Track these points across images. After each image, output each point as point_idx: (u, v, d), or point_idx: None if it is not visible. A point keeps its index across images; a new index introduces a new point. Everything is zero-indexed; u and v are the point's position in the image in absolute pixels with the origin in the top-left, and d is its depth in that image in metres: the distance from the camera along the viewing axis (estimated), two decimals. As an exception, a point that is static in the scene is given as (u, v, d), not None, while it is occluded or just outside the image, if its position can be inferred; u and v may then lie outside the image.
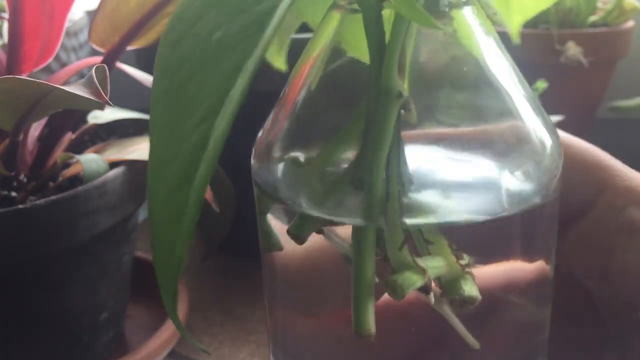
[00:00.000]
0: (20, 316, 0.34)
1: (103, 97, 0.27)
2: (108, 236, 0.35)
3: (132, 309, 0.46)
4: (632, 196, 0.18)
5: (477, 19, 0.16)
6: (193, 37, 0.14)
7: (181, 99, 0.13)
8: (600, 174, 0.19)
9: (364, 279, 0.15)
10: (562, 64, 0.59)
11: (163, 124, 0.14)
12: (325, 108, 0.18)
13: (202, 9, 0.14)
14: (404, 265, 0.15)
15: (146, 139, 0.37)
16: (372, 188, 0.15)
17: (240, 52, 0.13)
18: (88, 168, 0.33)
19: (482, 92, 0.17)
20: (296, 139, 0.18)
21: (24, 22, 0.34)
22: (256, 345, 0.45)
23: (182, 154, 0.13)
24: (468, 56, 0.17)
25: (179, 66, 0.14)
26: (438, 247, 0.16)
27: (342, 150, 0.17)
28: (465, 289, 0.15)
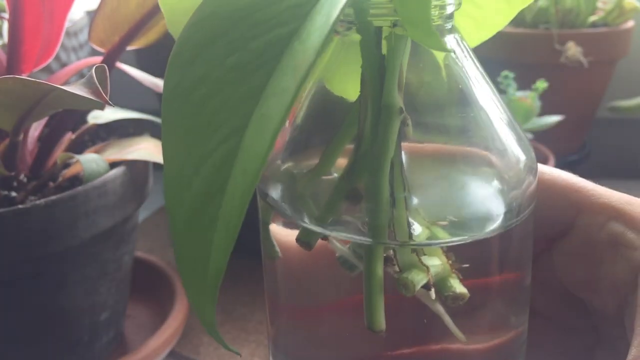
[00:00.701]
0: (21, 316, 0.34)
1: (103, 97, 0.27)
2: (108, 236, 0.35)
3: (132, 308, 0.46)
4: (609, 212, 0.20)
5: (461, 45, 0.18)
6: (206, 61, 0.14)
7: (199, 119, 0.14)
8: (575, 196, 0.21)
9: (375, 281, 0.17)
10: (562, 64, 0.59)
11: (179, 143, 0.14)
12: (320, 123, 0.19)
13: (211, 36, 0.14)
14: (411, 264, 0.17)
15: (146, 139, 0.37)
16: (379, 208, 0.16)
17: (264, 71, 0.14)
18: (88, 168, 0.33)
19: (467, 112, 0.18)
20: (295, 153, 0.19)
21: (24, 22, 0.34)
22: (256, 345, 0.45)
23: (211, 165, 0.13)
24: (457, 78, 0.18)
25: (195, 84, 0.14)
26: (432, 249, 0.17)
27: (332, 163, 0.18)
28: (455, 287, 0.17)
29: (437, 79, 0.18)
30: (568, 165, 0.66)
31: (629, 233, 0.20)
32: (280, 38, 0.14)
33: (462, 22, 0.20)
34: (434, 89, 0.18)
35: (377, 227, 0.17)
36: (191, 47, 0.14)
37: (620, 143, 0.72)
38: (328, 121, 0.19)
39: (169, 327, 0.41)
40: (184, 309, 0.43)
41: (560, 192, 0.21)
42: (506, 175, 0.18)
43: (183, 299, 0.44)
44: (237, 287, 0.52)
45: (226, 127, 0.14)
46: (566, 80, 0.62)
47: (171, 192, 0.14)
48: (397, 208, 0.17)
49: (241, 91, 0.14)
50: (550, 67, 0.60)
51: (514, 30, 0.63)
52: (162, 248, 0.59)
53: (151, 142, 0.37)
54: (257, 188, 0.19)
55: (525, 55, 0.60)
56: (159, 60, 0.50)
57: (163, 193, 0.14)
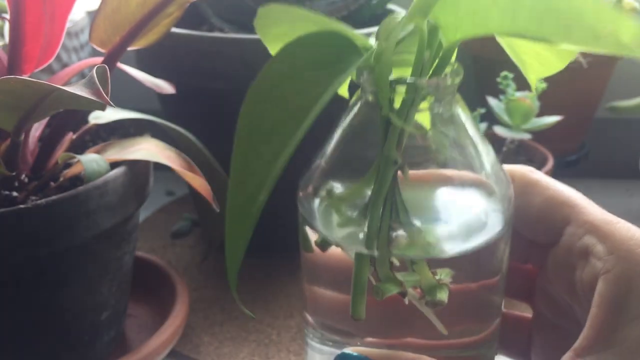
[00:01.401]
0: (22, 315, 0.34)
1: (104, 98, 0.27)
2: (109, 236, 0.35)
3: (132, 308, 0.46)
4: (589, 227, 0.24)
5: (462, 106, 0.24)
6: (269, 101, 0.21)
7: (255, 137, 0.21)
8: (567, 210, 0.25)
9: (360, 284, 0.23)
10: (561, 65, 0.59)
11: (245, 155, 0.21)
12: (349, 155, 0.25)
13: (272, 86, 0.21)
14: (387, 278, 0.23)
15: (147, 139, 0.37)
16: (371, 229, 0.22)
17: (294, 124, 0.20)
18: (89, 168, 0.33)
19: (467, 151, 0.24)
20: (327, 179, 0.25)
21: (25, 23, 0.34)
22: (256, 344, 0.45)
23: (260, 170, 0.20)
24: (460, 128, 0.24)
25: (260, 116, 0.21)
26: (419, 266, 0.23)
27: (359, 193, 0.23)
28: (437, 295, 0.22)
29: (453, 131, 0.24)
30: (567, 165, 0.66)
31: (599, 246, 0.24)
32: (303, 106, 0.20)
33: (530, 59, 0.25)
34: (460, 140, 0.24)
35: (366, 242, 0.22)
36: (263, 87, 0.21)
37: (619, 143, 0.72)
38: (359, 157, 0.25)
39: (169, 326, 0.41)
40: (184, 309, 0.43)
41: (557, 206, 0.25)
42: (498, 198, 0.24)
43: (183, 299, 0.44)
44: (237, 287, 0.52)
45: (275, 145, 0.20)
46: (565, 80, 0.62)
47: (232, 192, 0.21)
48: (382, 231, 0.22)
49: (288, 127, 0.20)
50: (549, 67, 0.60)
51: (513, 31, 0.63)
52: (162, 248, 0.59)
53: (152, 142, 0.37)
54: (297, 200, 0.25)
55: (525, 55, 0.61)
56: (160, 61, 0.50)
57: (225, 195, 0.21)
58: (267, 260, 0.55)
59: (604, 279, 0.23)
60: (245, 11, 0.51)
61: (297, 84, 0.20)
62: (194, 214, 0.64)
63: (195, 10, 0.50)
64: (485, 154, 0.24)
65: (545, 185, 0.25)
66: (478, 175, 0.24)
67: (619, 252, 0.23)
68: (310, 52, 0.21)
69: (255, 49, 0.44)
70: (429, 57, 0.22)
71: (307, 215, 0.24)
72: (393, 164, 0.22)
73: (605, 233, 0.24)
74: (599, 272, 0.23)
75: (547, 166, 0.55)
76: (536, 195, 0.26)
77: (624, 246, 0.23)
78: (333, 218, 0.24)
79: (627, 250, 0.23)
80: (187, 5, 0.36)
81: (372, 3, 0.53)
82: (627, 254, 0.23)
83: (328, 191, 0.24)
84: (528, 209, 0.26)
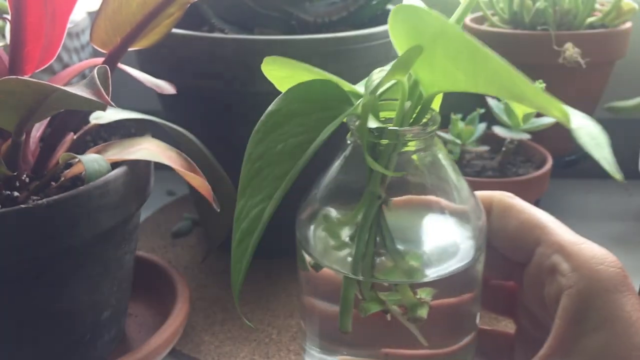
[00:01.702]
0: (23, 315, 0.34)
1: (105, 98, 0.27)
2: (109, 236, 0.35)
3: (133, 307, 0.47)
4: (556, 247, 0.27)
5: (440, 147, 0.27)
6: (268, 142, 0.24)
7: (256, 181, 0.25)
8: (538, 231, 0.28)
9: (347, 302, 0.26)
10: (560, 65, 0.59)
11: (244, 191, 0.25)
12: (343, 186, 0.28)
13: (273, 126, 0.24)
14: (370, 297, 0.26)
15: (148, 140, 0.38)
16: (356, 256, 0.26)
17: (290, 163, 0.24)
18: (90, 168, 0.33)
19: (444, 184, 0.27)
20: (323, 207, 0.28)
21: (26, 24, 0.34)
22: (257, 343, 0.46)
23: (253, 214, 0.25)
24: (440, 165, 0.27)
25: (258, 158, 0.24)
26: (401, 287, 0.26)
27: (352, 220, 0.27)
28: (417, 312, 0.26)
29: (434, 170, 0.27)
30: (566, 165, 0.66)
31: (564, 264, 0.26)
32: (299, 144, 0.24)
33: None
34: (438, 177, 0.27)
35: (352, 266, 0.26)
36: (261, 131, 0.25)
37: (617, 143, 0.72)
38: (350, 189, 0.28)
39: (170, 325, 0.41)
40: (185, 308, 0.43)
41: (530, 228, 0.28)
42: (471, 227, 0.27)
43: (184, 298, 0.44)
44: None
45: (264, 192, 0.24)
46: (564, 81, 0.62)
47: (235, 221, 0.25)
48: (366, 257, 0.26)
49: (276, 172, 0.24)
50: (549, 68, 0.60)
51: (512, 31, 0.63)
52: (163, 247, 0.59)
53: (153, 143, 0.37)
54: (296, 225, 0.29)
55: (524, 56, 0.61)
56: (160, 61, 0.50)
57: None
58: (268, 260, 0.55)
59: (567, 293, 0.26)
60: (246, 12, 0.52)
61: (293, 127, 0.24)
62: (194, 214, 0.64)
63: (195, 11, 0.50)
64: (461, 190, 0.27)
65: (520, 209, 0.29)
66: (453, 205, 0.27)
67: (581, 269, 0.26)
68: (300, 99, 0.25)
69: (255, 50, 0.44)
70: (411, 106, 0.25)
71: (302, 241, 0.28)
72: (377, 198, 0.25)
73: (570, 252, 0.26)
74: (564, 287, 0.26)
75: (546, 166, 0.55)
76: (512, 218, 0.29)
77: (586, 264, 0.26)
78: (325, 244, 0.28)
79: (589, 269, 0.26)
80: (187, 6, 0.36)
81: (372, 4, 0.53)
82: (589, 271, 0.26)
83: (325, 217, 0.28)
84: (505, 231, 0.29)
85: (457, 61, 0.21)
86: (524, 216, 0.29)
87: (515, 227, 0.28)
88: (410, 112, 0.25)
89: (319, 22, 0.51)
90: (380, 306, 0.26)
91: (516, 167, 0.57)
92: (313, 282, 0.29)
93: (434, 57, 0.22)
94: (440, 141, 0.27)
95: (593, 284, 0.26)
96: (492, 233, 0.29)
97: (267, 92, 0.45)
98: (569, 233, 0.28)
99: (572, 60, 0.59)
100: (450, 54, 0.21)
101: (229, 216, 0.42)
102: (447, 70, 0.22)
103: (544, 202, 0.68)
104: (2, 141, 0.36)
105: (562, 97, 0.69)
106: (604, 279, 0.26)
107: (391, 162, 0.25)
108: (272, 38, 0.44)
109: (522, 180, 0.53)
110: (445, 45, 0.21)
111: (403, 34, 0.23)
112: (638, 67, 0.72)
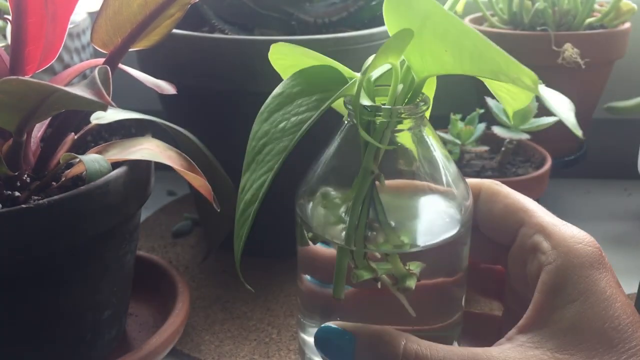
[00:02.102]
0: (24, 314, 0.34)
1: (105, 98, 0.27)
2: (110, 235, 0.36)
3: (134, 307, 0.47)
4: (538, 228, 0.29)
5: (431, 131, 0.29)
6: (271, 120, 0.27)
7: (260, 156, 0.27)
8: (521, 214, 0.30)
9: (341, 271, 0.29)
10: (559, 65, 0.59)
11: (249, 166, 0.27)
12: (341, 166, 0.30)
13: (277, 106, 0.27)
14: (362, 265, 0.28)
15: (148, 140, 0.38)
16: (349, 228, 0.28)
17: (288, 139, 0.26)
18: (90, 168, 0.33)
19: (432, 166, 0.29)
20: (322, 185, 0.30)
21: (27, 24, 0.34)
22: (257, 343, 0.46)
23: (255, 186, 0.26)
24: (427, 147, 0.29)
25: (263, 135, 0.27)
26: (392, 258, 0.28)
27: (348, 198, 0.29)
28: (406, 282, 0.28)
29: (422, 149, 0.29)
30: (565, 166, 0.66)
31: (544, 243, 0.28)
32: (300, 122, 0.26)
33: (504, 95, 0.29)
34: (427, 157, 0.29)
35: (345, 237, 0.28)
36: (266, 111, 0.27)
37: (616, 143, 0.73)
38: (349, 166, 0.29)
39: (170, 325, 0.41)
40: (185, 308, 0.44)
41: (514, 211, 0.30)
42: (456, 205, 0.30)
43: (184, 298, 0.44)
44: (237, 287, 0.53)
45: (267, 166, 0.26)
46: (563, 81, 0.62)
47: (240, 193, 0.27)
48: (359, 228, 0.28)
49: (277, 148, 0.26)
50: (548, 68, 0.60)
51: (511, 32, 0.64)
52: (163, 247, 0.59)
53: (153, 143, 0.37)
54: (296, 204, 0.31)
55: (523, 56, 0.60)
56: (161, 62, 0.50)
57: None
58: (268, 260, 0.55)
59: (546, 269, 0.28)
60: (246, 13, 0.52)
61: (295, 107, 0.27)
62: (194, 214, 0.64)
63: (196, 12, 0.51)
64: (447, 169, 0.29)
65: (506, 195, 0.31)
66: (441, 186, 0.29)
67: (560, 247, 0.28)
68: (303, 83, 0.27)
69: (256, 50, 0.44)
70: (403, 89, 0.28)
71: (302, 216, 0.30)
72: (370, 174, 0.27)
73: (550, 232, 0.29)
74: (543, 264, 0.28)
75: (545, 166, 0.55)
76: (498, 202, 0.31)
77: (565, 243, 0.28)
78: (322, 218, 0.30)
79: (567, 246, 0.28)
80: (188, 7, 0.36)
81: (371, 4, 0.53)
82: (567, 249, 0.28)
83: (323, 194, 0.30)
84: (491, 214, 0.31)
85: (444, 41, 0.23)
86: (509, 200, 0.31)
87: (500, 210, 0.31)
88: (403, 94, 0.28)
89: (319, 22, 0.51)
90: (371, 274, 0.28)
91: (515, 167, 0.57)
92: (311, 257, 0.31)
93: (423, 41, 0.24)
94: (430, 124, 0.29)
95: (570, 260, 0.27)
96: (480, 216, 0.31)
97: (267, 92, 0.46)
98: (550, 216, 0.30)
99: (571, 61, 0.59)
100: (438, 33, 0.23)
101: (229, 216, 0.43)
102: (436, 53, 0.24)
103: (544, 202, 0.68)
104: (3, 141, 0.36)
105: (561, 97, 0.67)
106: (581, 256, 0.28)
107: (384, 139, 0.28)
108: (272, 38, 0.44)
109: (522, 180, 0.53)
110: (434, 26, 0.23)
111: (396, 19, 0.25)
112: (637, 67, 0.72)
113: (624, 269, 0.57)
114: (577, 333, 0.26)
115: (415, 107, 0.27)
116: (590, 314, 0.26)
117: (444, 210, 0.30)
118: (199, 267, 0.55)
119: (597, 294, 0.27)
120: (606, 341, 0.26)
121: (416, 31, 0.24)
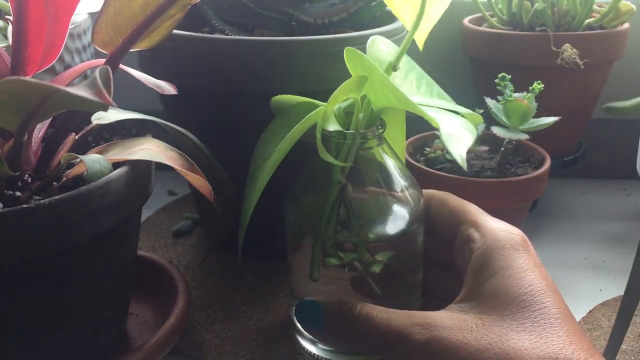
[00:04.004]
0: (24, 314, 0.34)
1: (106, 98, 0.27)
2: (111, 235, 0.36)
3: (134, 306, 0.47)
4: (472, 223, 0.37)
5: (386, 149, 0.38)
6: (266, 144, 0.39)
7: (259, 155, 0.40)
8: (461, 215, 0.38)
9: (315, 258, 0.38)
10: (558, 66, 0.59)
11: (255, 161, 0.40)
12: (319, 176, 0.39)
13: (271, 134, 0.40)
14: (331, 254, 0.37)
15: (149, 140, 0.38)
16: (320, 223, 0.37)
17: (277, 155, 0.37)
18: (91, 168, 0.33)
19: (389, 177, 0.38)
20: (304, 191, 0.39)
21: (28, 25, 0.34)
22: (257, 342, 0.46)
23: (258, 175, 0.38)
24: (382, 162, 0.38)
25: (263, 144, 0.40)
26: (360, 248, 0.37)
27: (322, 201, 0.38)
28: (373, 268, 0.37)
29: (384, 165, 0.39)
30: (564, 166, 0.66)
31: (475, 233, 0.36)
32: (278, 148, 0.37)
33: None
34: (384, 169, 0.38)
35: (317, 231, 0.37)
36: (261, 141, 0.40)
37: (615, 143, 0.73)
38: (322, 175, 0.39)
39: (171, 324, 0.41)
40: (185, 307, 0.44)
41: (456, 213, 0.38)
42: (410, 205, 0.38)
43: (185, 297, 0.45)
44: (238, 286, 0.53)
45: (262, 160, 0.39)
46: (562, 81, 0.62)
47: (249, 177, 0.39)
48: (331, 224, 0.37)
49: (264, 155, 0.39)
50: (547, 68, 0.61)
51: (510, 32, 0.64)
52: (164, 247, 0.59)
53: (154, 143, 0.37)
54: (285, 209, 0.39)
55: (522, 57, 0.61)
56: (161, 62, 0.50)
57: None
58: (268, 261, 0.56)
59: (475, 254, 0.35)
60: (246, 13, 0.52)
61: (276, 138, 0.38)
62: (195, 214, 0.64)
63: (196, 12, 0.51)
64: (402, 179, 0.38)
65: (451, 201, 0.39)
66: (396, 192, 0.38)
67: (486, 235, 0.35)
68: (285, 119, 0.39)
69: (256, 51, 0.44)
70: (364, 116, 0.36)
71: (289, 216, 0.39)
72: (338, 183, 0.36)
73: (480, 225, 0.36)
74: (473, 250, 0.35)
75: (544, 166, 0.55)
76: (445, 207, 0.39)
77: (491, 231, 0.35)
78: (302, 217, 0.39)
79: (493, 234, 0.35)
80: (188, 8, 0.37)
81: (371, 5, 0.54)
82: (492, 235, 0.35)
83: (305, 198, 0.39)
84: (440, 216, 0.39)
85: (383, 87, 0.33)
86: (453, 205, 0.39)
87: (446, 213, 0.39)
88: (364, 121, 0.36)
89: (319, 23, 0.52)
90: (339, 261, 0.37)
91: (515, 167, 0.57)
92: (296, 248, 0.40)
93: (373, 83, 0.33)
94: (388, 143, 0.38)
95: (494, 244, 0.34)
96: (432, 219, 0.39)
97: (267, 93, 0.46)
98: (484, 214, 0.37)
99: (570, 61, 0.59)
100: (377, 83, 0.33)
101: (229, 216, 0.43)
102: (382, 93, 0.33)
103: (543, 202, 0.69)
104: (4, 141, 0.36)
105: (561, 97, 0.70)
106: (503, 240, 0.34)
107: (349, 157, 0.36)
108: (273, 39, 0.44)
109: (521, 180, 0.53)
110: (374, 79, 0.33)
111: (353, 68, 0.34)
112: (636, 68, 0.72)
113: (623, 269, 0.57)
114: (495, 299, 0.31)
115: (376, 130, 0.36)
116: (508, 283, 0.31)
117: (398, 211, 0.38)
118: (200, 267, 0.56)
119: (514, 268, 0.32)
120: (519, 303, 0.30)
121: (368, 77, 0.33)
